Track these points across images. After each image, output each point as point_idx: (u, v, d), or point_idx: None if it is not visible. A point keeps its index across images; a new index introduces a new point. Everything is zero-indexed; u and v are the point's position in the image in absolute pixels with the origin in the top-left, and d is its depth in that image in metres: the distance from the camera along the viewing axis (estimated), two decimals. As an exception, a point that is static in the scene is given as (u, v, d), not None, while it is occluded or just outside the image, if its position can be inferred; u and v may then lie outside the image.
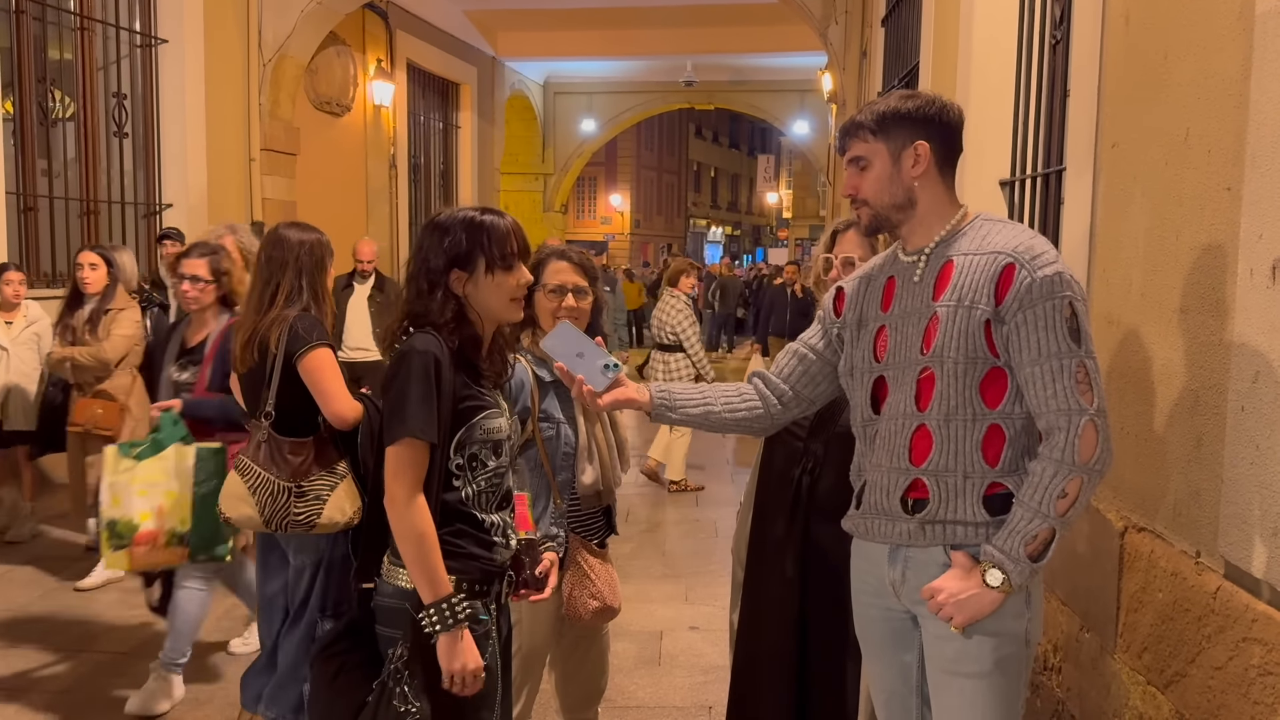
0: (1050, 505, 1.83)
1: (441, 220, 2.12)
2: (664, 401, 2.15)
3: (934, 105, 1.99)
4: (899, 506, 1.99)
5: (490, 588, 2.12)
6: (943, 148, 2.00)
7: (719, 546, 5.97)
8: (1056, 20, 3.38)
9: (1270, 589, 1.88)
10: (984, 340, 1.89)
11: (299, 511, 2.88)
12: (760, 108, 19.77)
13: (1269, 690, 1.86)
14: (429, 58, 13.49)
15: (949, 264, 1.95)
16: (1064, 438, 1.82)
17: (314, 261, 3.01)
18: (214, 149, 8.63)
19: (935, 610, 1.93)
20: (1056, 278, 1.84)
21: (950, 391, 1.91)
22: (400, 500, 1.99)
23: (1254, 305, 1.92)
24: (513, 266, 2.11)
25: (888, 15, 6.98)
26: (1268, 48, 1.90)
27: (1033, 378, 1.85)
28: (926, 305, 1.96)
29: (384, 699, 2.00)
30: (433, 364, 2.00)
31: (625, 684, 3.93)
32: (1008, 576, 1.85)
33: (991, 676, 1.92)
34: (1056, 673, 2.93)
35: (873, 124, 2.00)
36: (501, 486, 2.16)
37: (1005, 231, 1.94)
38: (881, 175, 2.00)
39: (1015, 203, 3.87)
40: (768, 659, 2.64)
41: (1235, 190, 2.01)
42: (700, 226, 45.37)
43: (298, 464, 2.90)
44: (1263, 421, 1.89)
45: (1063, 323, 1.83)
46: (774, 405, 2.20)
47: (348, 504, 2.89)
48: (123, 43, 8.05)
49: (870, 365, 2.06)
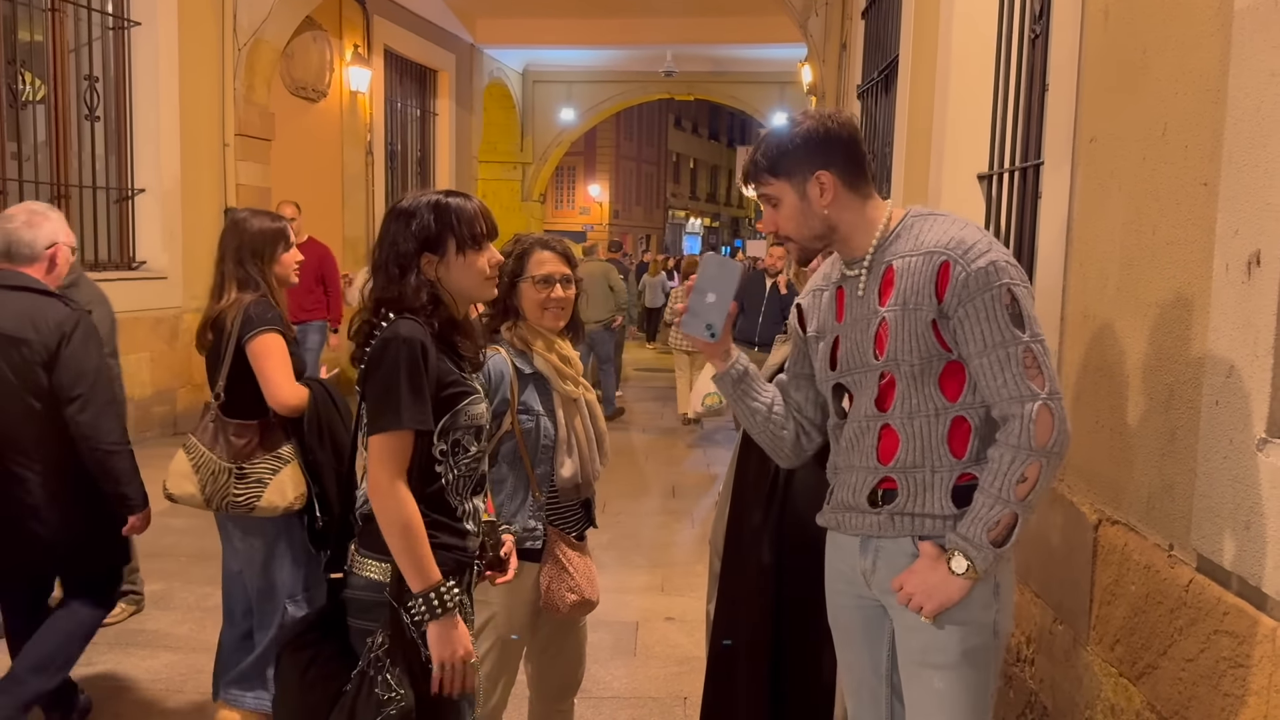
0: (1010, 490, 1.85)
1: (406, 206, 2.10)
2: (737, 372, 2.17)
3: (821, 128, 1.97)
4: (865, 502, 2.01)
5: (463, 577, 2.11)
6: (846, 166, 1.99)
7: (695, 538, 5.98)
8: (1036, 15, 3.39)
9: (1241, 581, 1.90)
10: (934, 338, 1.91)
11: (239, 493, 2.92)
12: (740, 99, 19.75)
13: (1239, 682, 1.87)
14: (407, 44, 13.38)
15: (889, 269, 1.97)
16: (1019, 424, 1.84)
17: (257, 250, 3.04)
18: (187, 134, 8.51)
19: (905, 601, 1.95)
20: (990, 267, 1.86)
21: (910, 391, 1.94)
22: (386, 489, 1.97)
23: (1229, 300, 1.93)
24: (483, 246, 2.10)
25: (868, 8, 6.98)
26: (1245, 44, 1.91)
27: (982, 369, 1.87)
28: (873, 312, 1.99)
29: (365, 688, 1.97)
30: (420, 350, 1.99)
31: (601, 674, 3.93)
32: (972, 563, 1.88)
33: (960, 668, 1.94)
34: (1030, 664, 2.95)
35: (768, 166, 2.00)
36: (478, 472, 2.16)
37: (937, 227, 1.95)
38: (793, 212, 2.01)
39: (993, 196, 3.89)
40: (744, 648, 2.65)
41: (1212, 186, 2.02)
42: (679, 218, 45.35)
43: (240, 446, 2.94)
44: (1236, 416, 1.90)
45: (1003, 310, 1.85)
46: (803, 436, 2.24)
47: (290, 489, 2.94)
48: (95, 25, 7.92)
49: (827, 374, 2.10)
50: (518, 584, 2.55)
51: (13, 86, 7.30)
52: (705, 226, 47.41)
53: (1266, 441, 1.82)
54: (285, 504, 2.95)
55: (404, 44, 13.28)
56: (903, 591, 1.95)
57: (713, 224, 48.68)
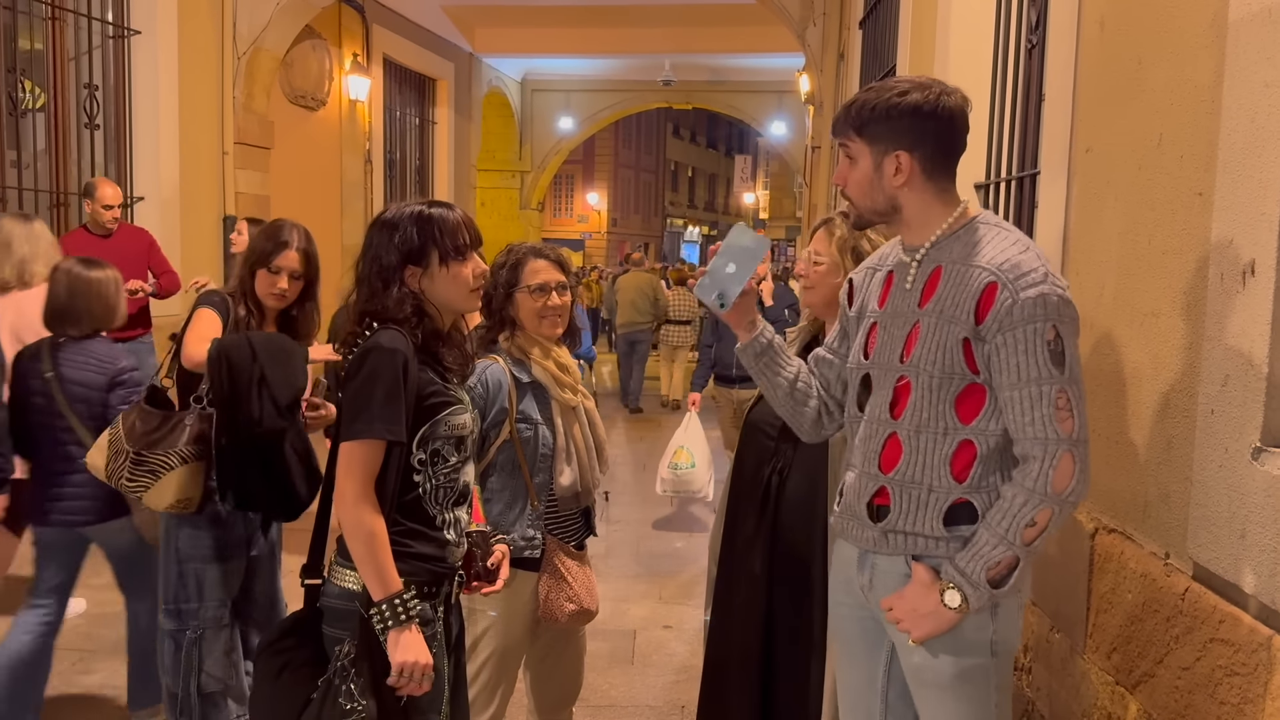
0: (1017, 534, 1.80)
1: (389, 217, 2.10)
2: (761, 344, 2.09)
3: (925, 105, 1.85)
4: (864, 512, 1.97)
5: (439, 589, 2.11)
6: (934, 151, 1.89)
7: (693, 546, 5.98)
8: (1032, 25, 3.41)
9: (1237, 590, 1.91)
10: (962, 356, 1.84)
11: (131, 478, 2.90)
12: (738, 108, 19.79)
13: (1235, 690, 1.88)
14: (406, 53, 13.40)
15: (937, 270, 1.91)
16: (1038, 467, 1.79)
17: (248, 258, 3.07)
18: (187, 142, 8.52)
19: (894, 622, 1.93)
20: (1040, 300, 1.78)
21: (924, 404, 1.88)
22: (351, 498, 1.97)
23: (1224, 309, 1.94)
24: (466, 257, 2.09)
25: (865, 18, 7.01)
26: (1240, 55, 1.92)
27: (1011, 401, 1.81)
28: (913, 311, 1.93)
29: (329, 697, 1.98)
30: (400, 361, 1.99)
31: (599, 683, 3.93)
32: (966, 599, 1.84)
33: (956, 686, 1.91)
34: (1026, 673, 2.95)
35: (856, 123, 1.90)
36: (459, 482, 2.15)
37: (996, 242, 1.87)
38: (863, 178, 1.93)
39: (989, 206, 3.90)
40: (736, 656, 2.65)
41: (1207, 195, 2.03)
42: (677, 226, 45.40)
43: (142, 431, 2.92)
44: (1231, 425, 1.91)
45: (1043, 346, 1.78)
46: (824, 412, 2.16)
47: (171, 492, 2.89)
48: (95, 33, 7.94)
49: (859, 361, 2.03)
50: (516, 593, 2.55)
51: (12, 94, 7.30)
52: (703, 235, 47.44)
53: (1262, 450, 1.83)
54: (164, 505, 2.91)
55: (403, 53, 13.30)
56: (891, 613, 1.93)
57: (710, 232, 48.71)
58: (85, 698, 3.74)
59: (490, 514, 2.59)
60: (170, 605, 3.00)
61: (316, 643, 2.08)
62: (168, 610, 3.01)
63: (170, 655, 3.00)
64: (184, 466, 2.88)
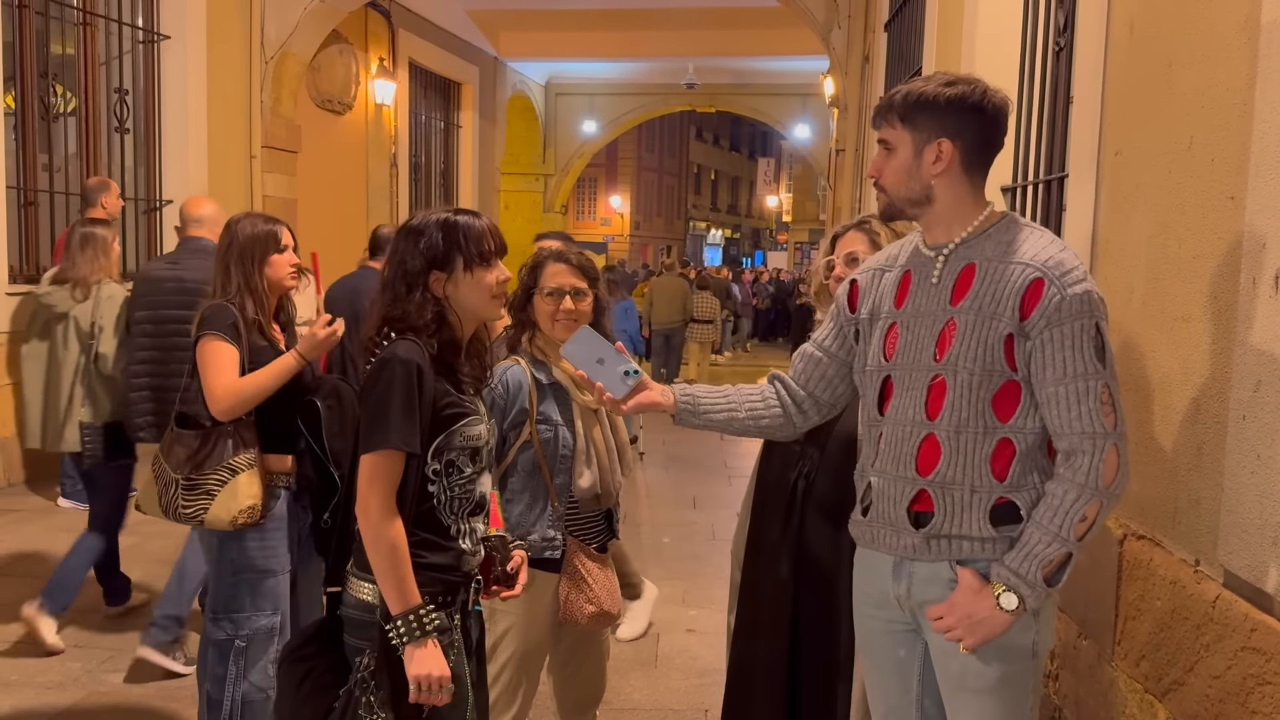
0: (1070, 529, 1.79)
1: (415, 224, 2.12)
2: (688, 406, 2.12)
3: (971, 97, 1.87)
4: (905, 518, 1.94)
5: (455, 597, 2.11)
6: (975, 144, 1.90)
7: (716, 549, 5.96)
8: (1060, 27, 3.38)
9: (1269, 598, 1.88)
10: (1003, 354, 1.84)
11: (186, 505, 2.85)
12: (761, 111, 19.78)
13: (1267, 699, 1.86)
14: (431, 57, 13.49)
15: (970, 267, 1.90)
16: (1088, 461, 1.78)
17: (246, 253, 2.97)
18: (215, 145, 8.62)
19: (943, 630, 1.89)
20: (1086, 296, 1.80)
21: (963, 403, 1.87)
22: (373, 510, 1.97)
23: (1256, 314, 1.92)
24: (491, 263, 2.11)
25: (890, 20, 6.98)
26: (1272, 57, 1.90)
27: (1056, 397, 1.81)
28: (943, 309, 1.91)
29: (349, 708, 1.99)
30: (415, 372, 2.00)
31: (621, 686, 3.93)
32: (1023, 601, 1.82)
33: (999, 691, 1.89)
34: (1054, 680, 2.93)
35: (901, 110, 1.91)
36: (475, 493, 2.15)
37: (1033, 240, 1.87)
38: (901, 166, 1.93)
39: (1017, 209, 3.87)
40: (762, 662, 2.64)
41: (1238, 199, 2.01)
42: (700, 229, 45.38)
43: (184, 457, 2.87)
44: (1263, 431, 1.89)
45: (1089, 342, 1.79)
46: (794, 411, 2.16)
47: (235, 502, 2.83)
48: (125, 38, 8.05)
49: (880, 364, 2.01)
50: (536, 595, 2.56)
51: (44, 99, 7.41)
52: (726, 238, 47.42)
53: (1294, 457, 1.81)
54: (229, 517, 2.83)
55: (428, 57, 13.39)
56: (942, 622, 1.89)
57: (733, 235, 48.69)
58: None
59: (511, 515, 2.59)
60: (221, 614, 2.95)
61: (338, 650, 2.09)
62: (216, 618, 2.95)
63: (216, 663, 2.95)
64: (236, 478, 2.84)
